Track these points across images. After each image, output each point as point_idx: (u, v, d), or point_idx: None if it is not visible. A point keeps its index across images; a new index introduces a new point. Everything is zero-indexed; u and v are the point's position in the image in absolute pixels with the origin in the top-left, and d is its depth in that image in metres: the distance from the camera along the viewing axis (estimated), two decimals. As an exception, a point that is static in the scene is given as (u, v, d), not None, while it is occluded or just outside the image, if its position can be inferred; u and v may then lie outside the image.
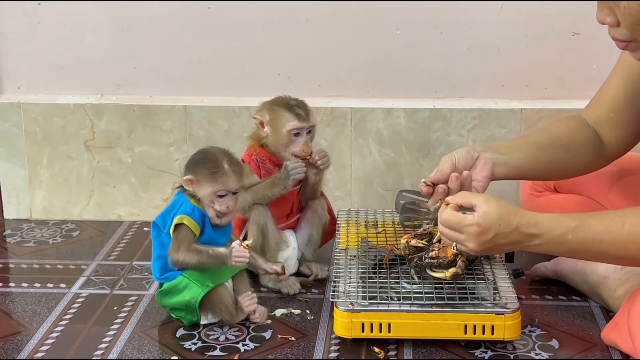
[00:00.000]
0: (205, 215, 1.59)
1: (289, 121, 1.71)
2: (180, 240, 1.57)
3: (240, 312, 1.60)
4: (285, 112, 1.71)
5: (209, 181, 1.57)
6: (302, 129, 1.71)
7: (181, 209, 1.58)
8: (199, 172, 1.58)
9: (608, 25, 1.39)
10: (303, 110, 1.72)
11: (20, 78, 2.12)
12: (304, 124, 1.71)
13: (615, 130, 1.65)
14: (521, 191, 1.93)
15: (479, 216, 1.39)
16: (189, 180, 1.58)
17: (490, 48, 2.03)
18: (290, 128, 1.71)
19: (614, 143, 1.66)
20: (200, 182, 1.58)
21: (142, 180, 2.11)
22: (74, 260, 1.92)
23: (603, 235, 1.38)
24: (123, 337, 1.58)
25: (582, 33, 2.00)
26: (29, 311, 1.68)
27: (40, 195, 2.14)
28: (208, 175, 1.57)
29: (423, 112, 2.04)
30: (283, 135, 1.71)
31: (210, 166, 1.58)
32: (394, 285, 1.57)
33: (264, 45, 2.06)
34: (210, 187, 1.57)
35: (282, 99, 1.74)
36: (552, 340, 1.56)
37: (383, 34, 2.03)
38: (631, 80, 1.62)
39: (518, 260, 1.72)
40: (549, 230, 1.39)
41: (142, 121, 2.08)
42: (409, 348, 1.53)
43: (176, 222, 1.57)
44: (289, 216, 1.80)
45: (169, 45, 2.08)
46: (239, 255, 1.56)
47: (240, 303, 1.60)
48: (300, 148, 1.72)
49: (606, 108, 1.66)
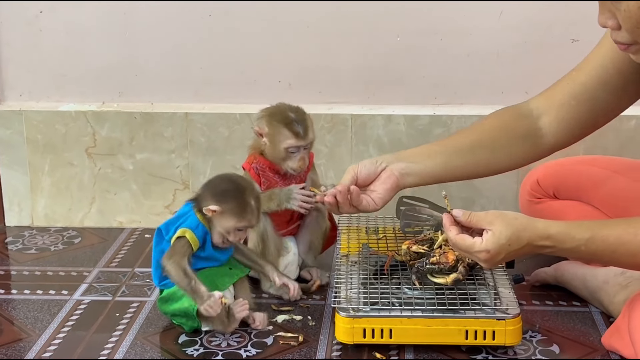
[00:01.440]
0: (207, 233, 1.59)
1: (286, 139, 1.69)
2: (176, 251, 1.57)
3: (232, 320, 1.59)
4: (283, 128, 1.69)
5: (235, 217, 1.57)
6: (300, 147, 1.71)
7: (187, 222, 1.58)
8: (226, 204, 1.56)
9: (609, 28, 1.39)
10: (302, 126, 1.69)
11: (22, 85, 2.13)
12: (301, 142, 1.70)
13: (567, 120, 1.61)
14: (520, 198, 1.93)
15: (487, 241, 1.38)
16: (213, 210, 1.57)
17: (490, 54, 2.04)
18: (287, 146, 1.70)
19: (560, 134, 1.63)
20: (225, 215, 1.57)
21: (144, 187, 2.12)
22: (75, 267, 1.92)
23: (616, 246, 1.38)
24: (125, 344, 1.58)
25: (581, 40, 2.01)
26: (31, 318, 1.69)
27: (42, 202, 2.14)
28: (235, 210, 1.56)
29: (423, 119, 2.04)
30: (280, 150, 1.71)
31: (240, 202, 1.56)
32: (395, 291, 1.58)
33: (265, 52, 2.07)
34: (235, 222, 1.57)
35: (282, 112, 1.72)
36: (553, 345, 1.57)
37: (383, 41, 2.04)
38: (606, 70, 1.58)
39: (519, 266, 1.72)
40: (560, 243, 1.39)
41: (144, 128, 2.09)
42: (411, 353, 1.53)
43: (178, 234, 1.57)
44: (289, 222, 1.81)
45: (170, 53, 2.08)
46: (213, 307, 1.53)
47: (232, 310, 1.59)
48: (297, 165, 1.72)
49: (568, 94, 1.61)
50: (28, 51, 2.10)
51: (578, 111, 1.61)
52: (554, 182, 1.84)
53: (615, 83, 1.57)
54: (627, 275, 1.60)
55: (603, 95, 1.59)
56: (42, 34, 2.09)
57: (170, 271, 1.56)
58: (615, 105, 1.61)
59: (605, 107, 1.61)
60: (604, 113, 1.62)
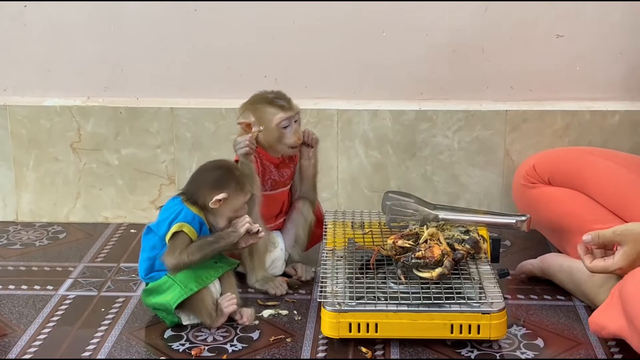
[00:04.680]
0: (204, 223, 1.60)
1: (274, 115, 1.71)
2: (177, 246, 1.57)
3: (220, 315, 1.60)
4: (268, 107, 1.71)
5: (240, 193, 1.61)
6: (290, 119, 1.72)
7: (181, 217, 1.58)
8: (229, 188, 1.60)
9: None
10: (283, 99, 1.72)
11: (7, 80, 2.12)
12: (289, 113, 1.72)
13: None
14: (514, 182, 1.94)
15: (619, 260, 1.49)
16: (220, 200, 1.58)
17: (475, 50, 2.04)
18: (278, 121, 1.71)
19: None
20: (232, 197, 1.60)
21: (129, 182, 2.11)
22: (60, 262, 1.91)
23: None
24: (111, 339, 1.58)
25: (565, 35, 2.02)
26: (16, 313, 1.68)
27: (27, 197, 2.13)
28: (238, 188, 1.60)
29: (409, 114, 2.05)
30: (272, 129, 1.71)
31: (236, 179, 1.61)
32: (381, 286, 1.58)
33: (251, 47, 2.07)
34: (242, 198, 1.61)
35: (261, 96, 1.74)
36: (538, 339, 1.57)
37: (369, 37, 2.04)
38: None
39: (503, 260, 1.73)
40: None
41: (129, 123, 2.08)
42: (396, 348, 1.54)
43: (175, 229, 1.57)
44: (277, 217, 1.81)
45: (155, 48, 2.08)
46: (242, 223, 1.58)
47: (220, 304, 1.59)
48: (293, 139, 1.73)
49: None
50: (12, 46, 2.09)
51: None
52: (550, 169, 1.86)
53: None
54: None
55: None
56: (26, 29, 2.08)
57: (188, 260, 1.56)
58: None
59: None
60: None
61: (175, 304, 1.56)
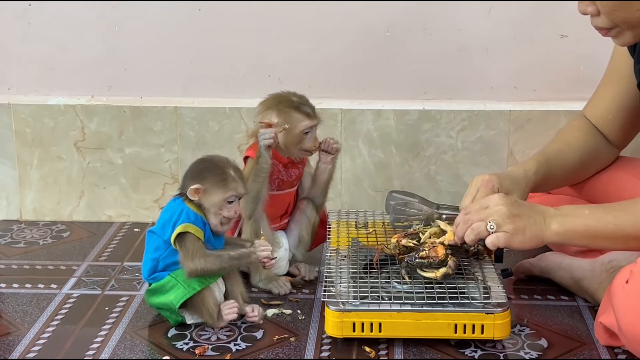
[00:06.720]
0: (206, 223, 1.59)
1: (300, 122, 1.71)
2: (192, 249, 1.56)
3: (220, 320, 1.59)
4: (294, 112, 1.71)
5: (220, 188, 1.57)
6: (313, 127, 1.73)
7: (183, 217, 1.57)
8: (206, 180, 1.57)
9: (590, 15, 1.44)
10: (309, 106, 1.73)
11: (11, 79, 2.12)
12: (315, 121, 1.73)
13: (614, 130, 1.75)
14: None
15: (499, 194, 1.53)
16: (196, 189, 1.57)
17: (479, 50, 2.04)
18: (303, 129, 1.71)
19: (615, 141, 1.77)
20: (209, 191, 1.57)
21: (133, 181, 2.12)
22: (64, 261, 1.92)
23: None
24: (115, 338, 1.58)
25: (570, 35, 2.02)
26: (20, 312, 1.68)
27: (31, 196, 2.13)
28: (218, 183, 1.57)
29: (412, 114, 2.05)
30: (295, 135, 1.72)
31: (219, 173, 1.58)
32: (385, 285, 1.58)
33: (255, 46, 2.07)
34: (222, 194, 1.57)
35: (285, 98, 1.73)
36: (541, 339, 1.57)
37: (373, 36, 2.04)
38: (623, 79, 1.68)
39: (507, 261, 1.73)
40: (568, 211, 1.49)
41: (133, 122, 2.08)
42: (400, 347, 1.54)
43: (180, 230, 1.56)
44: (282, 217, 1.81)
45: (159, 47, 2.08)
46: (263, 248, 1.57)
47: (221, 310, 1.59)
48: (311, 144, 1.73)
49: (604, 109, 1.74)
50: (16, 44, 2.09)
51: (619, 122, 1.76)
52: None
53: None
54: (613, 264, 1.62)
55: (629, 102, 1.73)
56: (30, 27, 2.08)
57: (204, 268, 1.55)
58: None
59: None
60: None
61: (178, 303, 1.56)
